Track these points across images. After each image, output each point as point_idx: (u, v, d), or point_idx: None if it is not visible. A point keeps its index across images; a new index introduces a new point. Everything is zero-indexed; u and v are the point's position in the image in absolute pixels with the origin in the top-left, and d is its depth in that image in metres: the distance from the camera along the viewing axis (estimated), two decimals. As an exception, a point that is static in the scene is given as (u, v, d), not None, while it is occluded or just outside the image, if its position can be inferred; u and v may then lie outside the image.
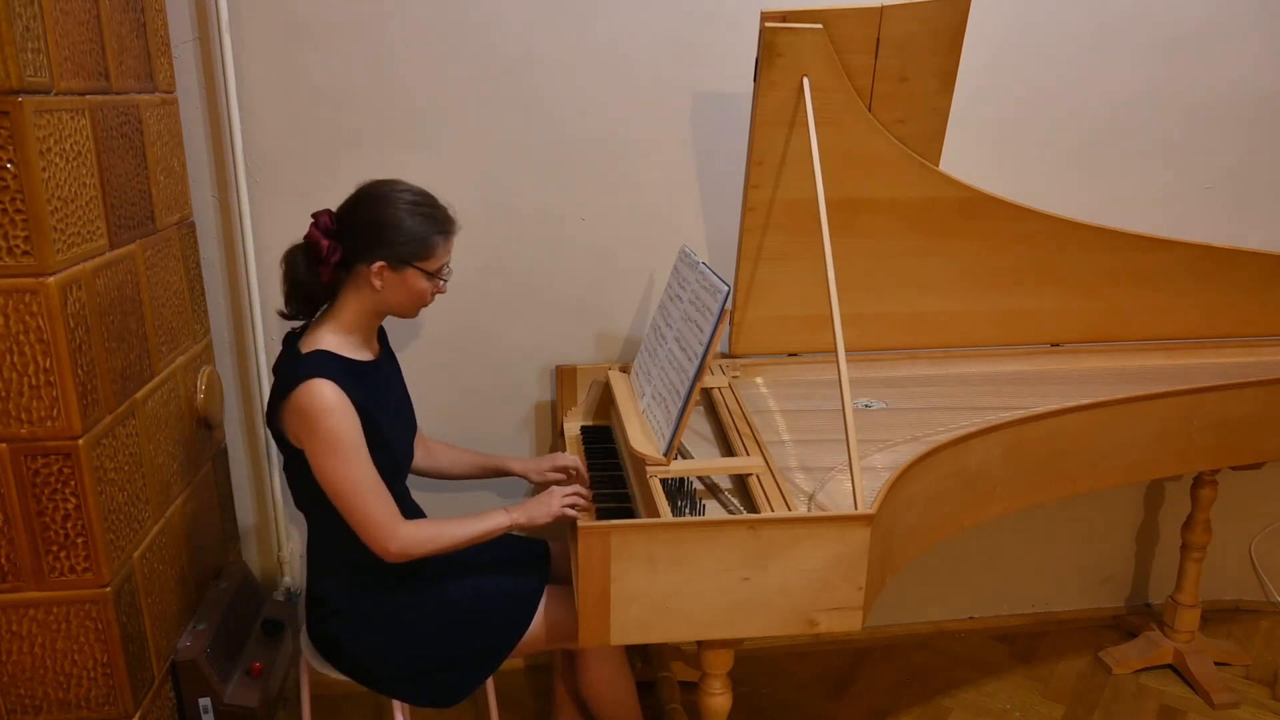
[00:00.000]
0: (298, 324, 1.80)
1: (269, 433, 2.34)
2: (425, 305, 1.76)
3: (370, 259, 1.66)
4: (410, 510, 1.91)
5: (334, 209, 1.72)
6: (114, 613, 1.71)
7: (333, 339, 1.70)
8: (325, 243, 1.68)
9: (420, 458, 2.03)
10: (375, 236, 1.66)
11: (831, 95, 2.00)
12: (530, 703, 2.48)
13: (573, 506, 1.79)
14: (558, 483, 1.97)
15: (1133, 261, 2.34)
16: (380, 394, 1.75)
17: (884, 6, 1.94)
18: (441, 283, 1.75)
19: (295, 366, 1.64)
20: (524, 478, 2.04)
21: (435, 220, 1.70)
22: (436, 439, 2.11)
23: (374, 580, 1.76)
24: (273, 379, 1.71)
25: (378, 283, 1.68)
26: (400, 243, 1.66)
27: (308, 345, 1.69)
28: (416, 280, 1.70)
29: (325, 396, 1.59)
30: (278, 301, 2.24)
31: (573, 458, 2.03)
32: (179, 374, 2.03)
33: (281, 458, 2.12)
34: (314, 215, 1.70)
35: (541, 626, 1.80)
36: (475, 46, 2.18)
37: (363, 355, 1.75)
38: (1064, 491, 2.12)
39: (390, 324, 1.90)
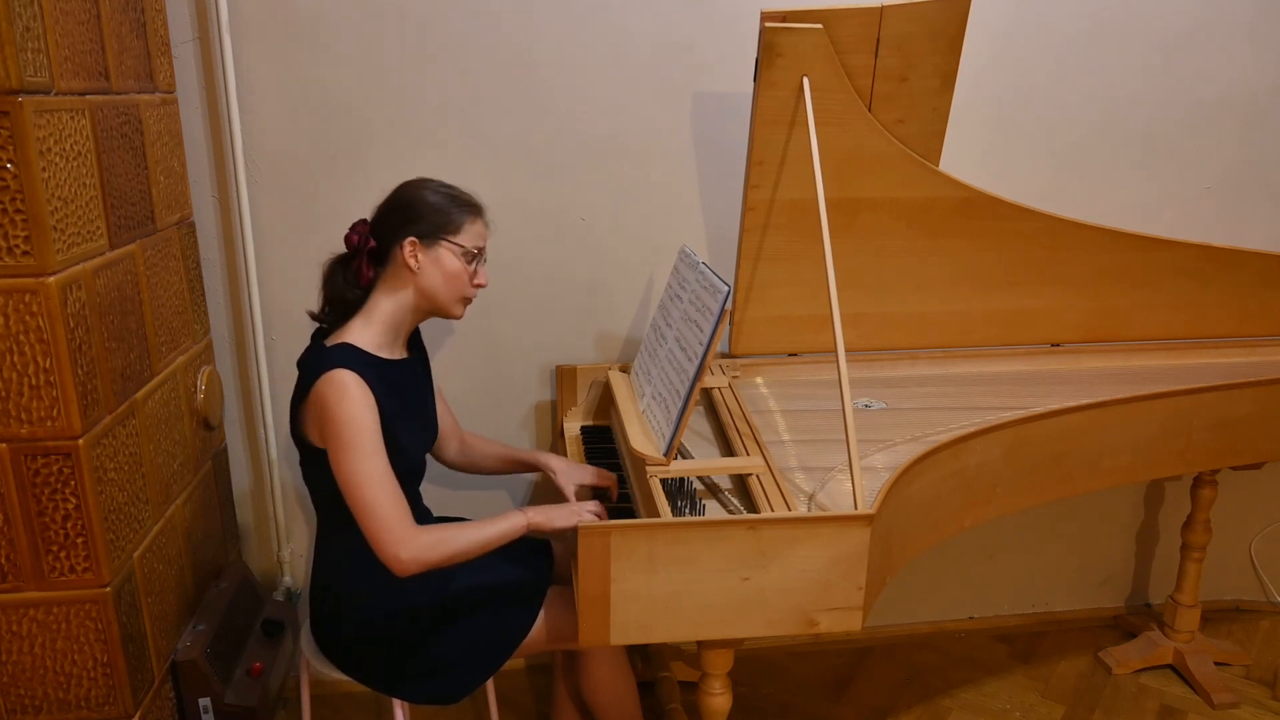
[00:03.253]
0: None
1: (269, 433, 2.35)
2: (467, 297, 1.77)
3: (401, 238, 1.70)
4: (421, 516, 1.90)
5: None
6: (114, 613, 1.71)
7: (361, 335, 1.71)
8: (357, 236, 1.73)
9: (456, 454, 2.04)
10: (402, 216, 1.71)
11: (831, 95, 2.00)
12: (530, 703, 2.48)
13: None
14: (579, 495, 1.95)
15: (1133, 261, 2.34)
16: (402, 395, 1.75)
17: (884, 6, 1.94)
18: (477, 268, 1.76)
19: (319, 359, 1.65)
20: (553, 477, 1.99)
21: (457, 198, 1.74)
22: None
23: (377, 579, 1.75)
24: (297, 374, 1.71)
25: (413, 263, 1.70)
26: (425, 215, 1.70)
27: (334, 340, 1.70)
28: (450, 259, 1.71)
29: (347, 387, 1.59)
30: (278, 301, 2.26)
31: (608, 476, 1.98)
32: (179, 374, 2.03)
33: (288, 457, 2.12)
34: (353, 225, 1.76)
35: (542, 627, 1.80)
36: (475, 47, 2.18)
37: (389, 354, 1.76)
38: (1064, 491, 2.12)
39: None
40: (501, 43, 2.19)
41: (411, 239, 1.69)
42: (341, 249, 1.76)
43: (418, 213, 1.71)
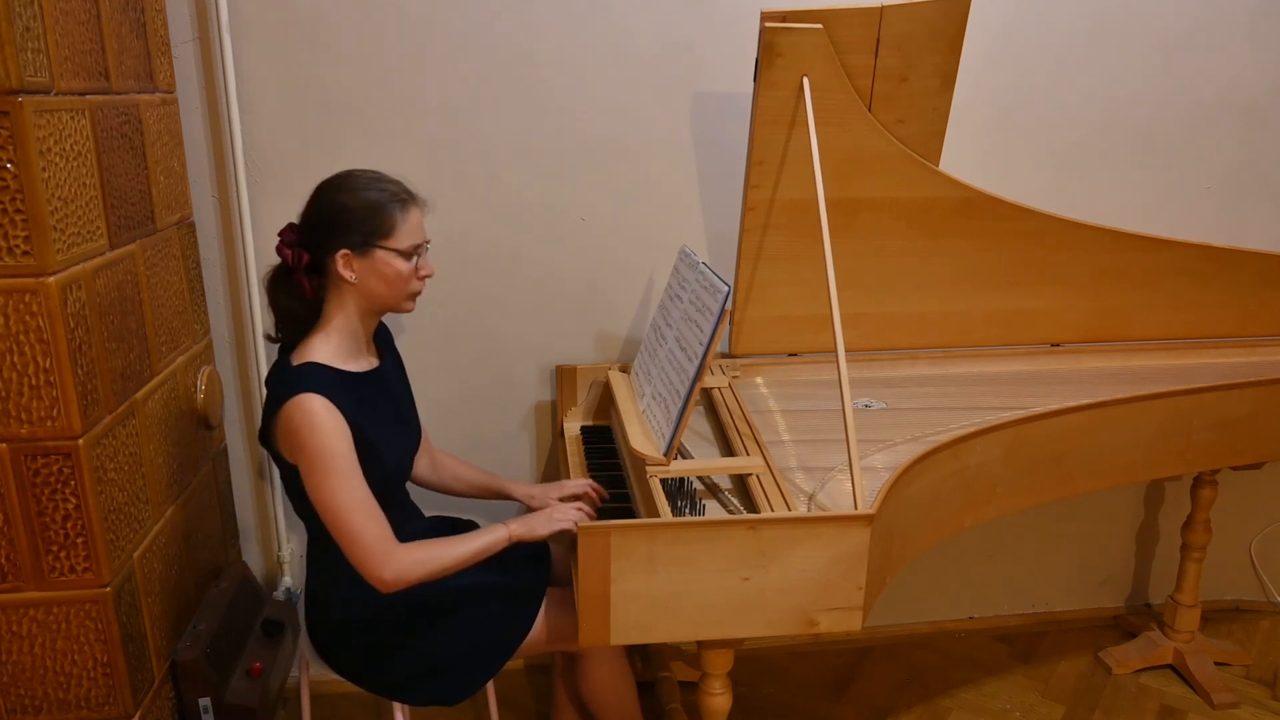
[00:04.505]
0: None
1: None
2: (415, 292, 1.70)
3: (331, 251, 1.62)
4: (410, 514, 1.90)
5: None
6: (114, 613, 1.72)
7: (324, 349, 1.66)
8: (289, 252, 1.65)
9: (425, 470, 2.00)
10: (330, 226, 1.62)
11: (831, 95, 2.00)
12: (530, 703, 2.48)
13: (574, 522, 1.77)
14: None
15: (1133, 261, 2.34)
16: (377, 404, 1.72)
17: (884, 6, 1.94)
18: (419, 261, 1.68)
19: (286, 379, 1.60)
20: (525, 504, 1.97)
21: (385, 194, 1.63)
22: (438, 443, 2.09)
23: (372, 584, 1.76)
24: (265, 392, 1.67)
25: (349, 274, 1.63)
26: (354, 224, 1.61)
27: (299, 357, 1.64)
28: (388, 262, 1.63)
29: (315, 413, 1.55)
30: (278, 301, 2.26)
31: (582, 483, 1.95)
32: (179, 374, 2.04)
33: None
34: (279, 233, 1.67)
35: (542, 628, 1.80)
36: (476, 46, 2.18)
37: (357, 365, 1.71)
38: (1064, 491, 2.12)
39: (388, 321, 1.88)
40: (501, 43, 2.19)
41: (343, 251, 1.62)
42: None
43: (344, 222, 1.61)
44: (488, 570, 1.84)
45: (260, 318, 2.26)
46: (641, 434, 1.85)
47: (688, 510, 1.70)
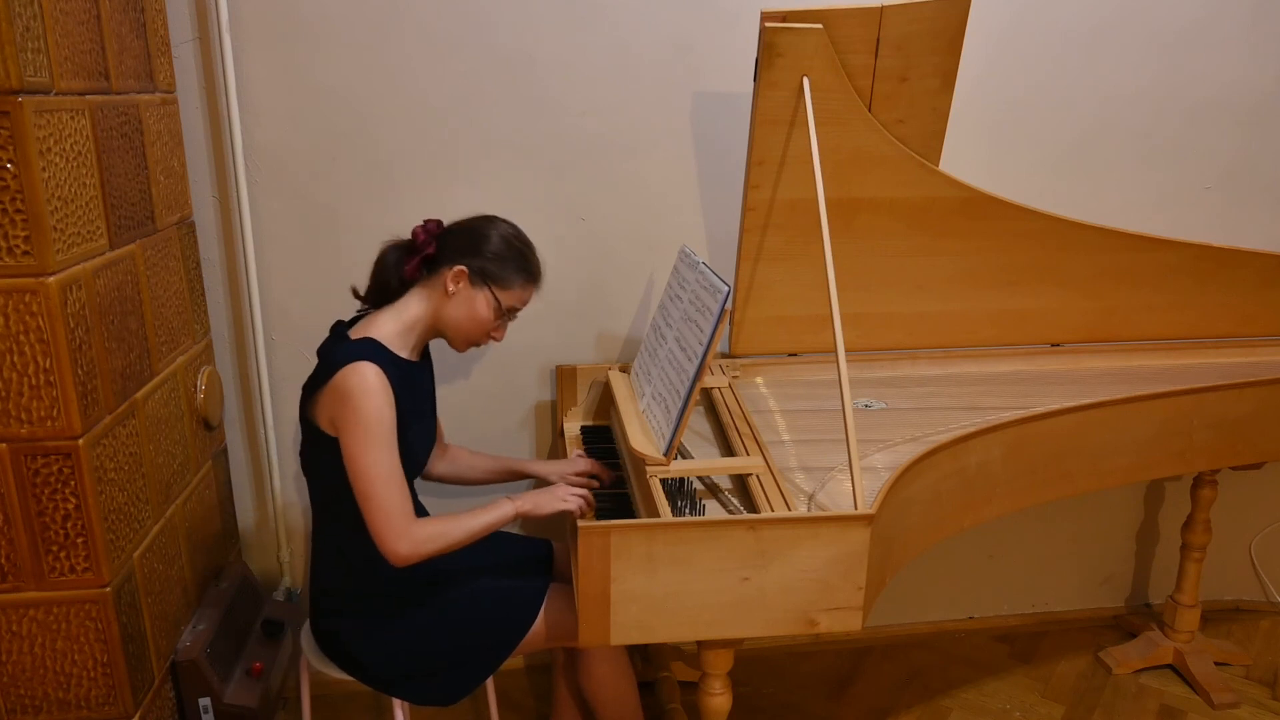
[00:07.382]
0: (345, 314, 1.84)
1: (269, 433, 2.35)
2: (476, 343, 1.80)
3: (455, 262, 1.72)
4: (418, 512, 1.91)
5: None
6: (114, 613, 1.72)
7: (387, 330, 1.73)
8: (423, 236, 1.75)
9: (442, 464, 2.04)
10: (469, 243, 1.74)
11: (831, 95, 2.00)
12: (530, 703, 2.48)
13: (578, 505, 1.79)
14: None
15: (1133, 261, 2.34)
16: (414, 395, 1.77)
17: (884, 6, 1.94)
18: (502, 324, 1.79)
19: (343, 349, 1.67)
20: (543, 479, 2.02)
21: (526, 260, 1.78)
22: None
23: (376, 578, 1.76)
24: (316, 361, 1.72)
25: (452, 288, 1.73)
26: (488, 255, 1.74)
27: (358, 333, 1.72)
28: (485, 305, 1.75)
29: (370, 379, 1.61)
30: (278, 301, 2.27)
31: (593, 463, 2.02)
32: (179, 374, 2.04)
33: (288, 457, 2.12)
34: (425, 219, 1.79)
35: (542, 626, 1.80)
36: (476, 46, 2.18)
37: (406, 354, 1.77)
38: (1064, 491, 2.12)
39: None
40: (501, 43, 2.19)
41: (462, 267, 1.72)
42: (343, 248, 1.76)
43: (483, 249, 1.74)
44: (488, 567, 1.85)
45: (260, 318, 2.26)
46: (641, 434, 1.85)
47: (688, 510, 1.70)
